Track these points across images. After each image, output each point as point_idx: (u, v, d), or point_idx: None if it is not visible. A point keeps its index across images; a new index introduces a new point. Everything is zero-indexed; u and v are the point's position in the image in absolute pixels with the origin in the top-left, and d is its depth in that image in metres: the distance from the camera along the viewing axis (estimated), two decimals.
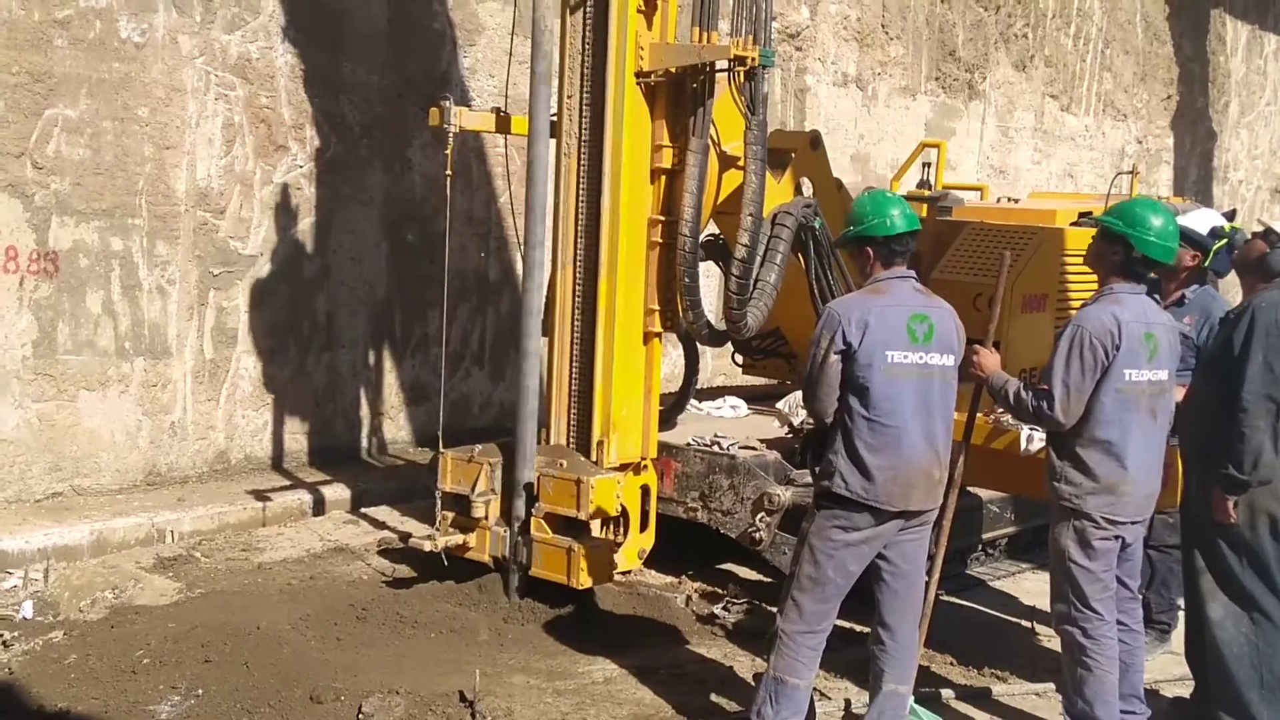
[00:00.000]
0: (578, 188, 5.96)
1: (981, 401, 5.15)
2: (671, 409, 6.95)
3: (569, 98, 5.94)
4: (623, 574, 6.18)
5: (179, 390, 7.59)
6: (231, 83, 7.66)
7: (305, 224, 8.13)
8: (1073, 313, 6.42)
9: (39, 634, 5.37)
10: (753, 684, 4.97)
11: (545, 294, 6.04)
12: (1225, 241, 5.77)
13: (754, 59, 5.70)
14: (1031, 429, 5.47)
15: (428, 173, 8.72)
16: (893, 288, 4.51)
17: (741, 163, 5.97)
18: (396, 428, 8.86)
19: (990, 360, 4.84)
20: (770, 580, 6.44)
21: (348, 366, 8.49)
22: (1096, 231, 4.82)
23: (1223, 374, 4.79)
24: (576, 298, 6.00)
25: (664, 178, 5.96)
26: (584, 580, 5.75)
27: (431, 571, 6.19)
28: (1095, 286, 4.86)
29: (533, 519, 5.87)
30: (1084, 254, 5.06)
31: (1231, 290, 7.82)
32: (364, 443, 8.66)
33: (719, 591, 6.41)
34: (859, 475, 4.37)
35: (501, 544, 5.98)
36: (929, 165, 8.56)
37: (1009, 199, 8.78)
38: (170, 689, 4.78)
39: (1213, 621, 4.88)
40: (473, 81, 9.03)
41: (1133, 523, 4.66)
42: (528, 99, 5.94)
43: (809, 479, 4.90)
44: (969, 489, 5.96)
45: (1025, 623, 6.30)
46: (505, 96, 6.89)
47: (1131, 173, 8.74)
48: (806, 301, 6.38)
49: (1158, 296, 5.37)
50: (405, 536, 6.71)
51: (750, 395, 7.90)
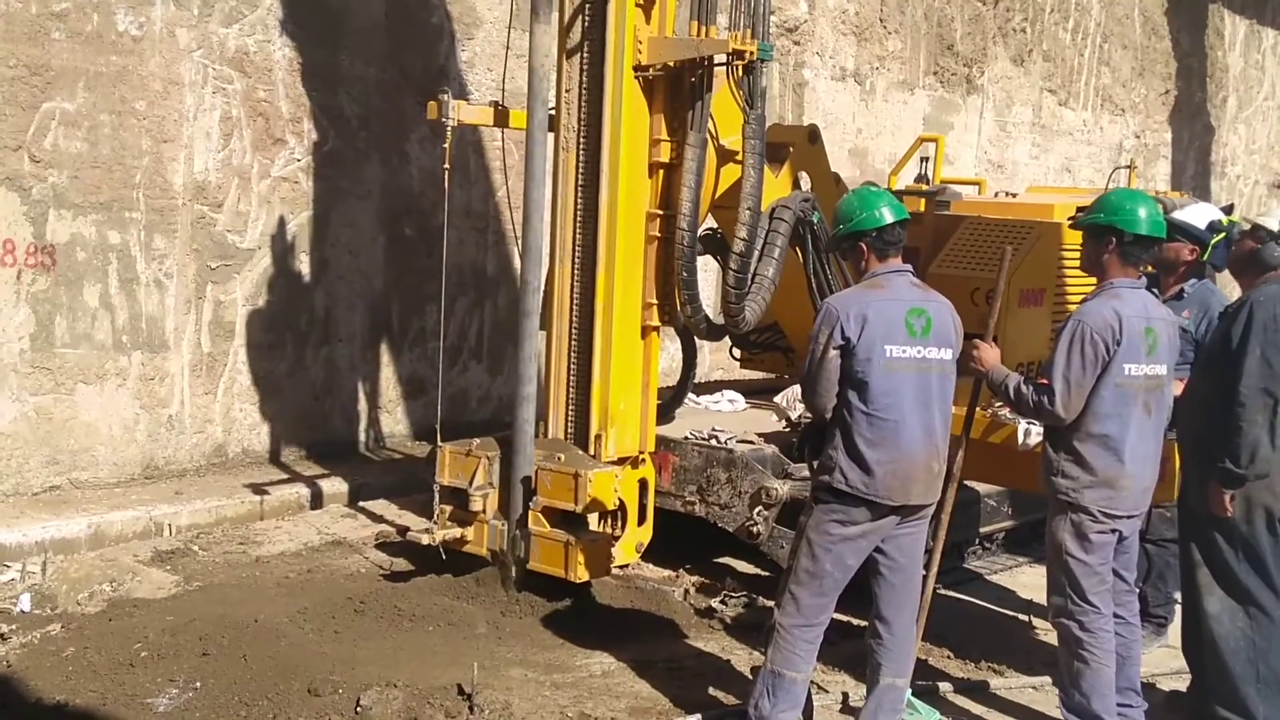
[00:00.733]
0: (576, 182, 5.95)
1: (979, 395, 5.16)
2: (669, 403, 6.95)
3: (567, 92, 5.93)
4: (620, 568, 6.18)
5: (176, 384, 7.58)
6: (229, 76, 7.65)
7: (303, 218, 8.12)
8: (1070, 308, 6.42)
9: (37, 627, 5.37)
10: (750, 677, 4.97)
11: (543, 290, 6.03)
12: (1223, 235, 5.77)
13: (752, 53, 5.69)
14: (1029, 423, 5.48)
15: (425, 166, 8.71)
16: (890, 282, 4.52)
17: (739, 157, 5.95)
18: (394, 421, 8.85)
19: (990, 355, 4.85)
20: (768, 574, 6.44)
21: (345, 360, 8.48)
22: (1083, 236, 4.83)
23: (1220, 368, 4.80)
24: (574, 291, 5.99)
25: (662, 172, 5.95)
26: (582, 574, 5.75)
27: (429, 565, 6.19)
28: (1092, 281, 4.87)
29: (530, 512, 5.86)
30: (1079, 263, 5.06)
31: (1229, 284, 7.81)
32: (362, 436, 8.66)
33: (716, 585, 6.42)
34: (858, 470, 4.37)
35: (499, 537, 5.97)
36: (927, 160, 8.55)
37: (1007, 193, 8.76)
38: (168, 682, 4.78)
39: (1209, 615, 4.89)
40: (471, 75, 9.02)
41: (1130, 516, 4.68)
42: (526, 93, 5.95)
43: (806, 473, 4.90)
44: (966, 482, 5.96)
45: (1022, 616, 6.31)
46: (503, 90, 6.90)
47: (1129, 167, 8.74)
48: (804, 295, 6.39)
49: (1156, 291, 5.38)
50: (403, 530, 6.70)
51: (748, 389, 7.90)
